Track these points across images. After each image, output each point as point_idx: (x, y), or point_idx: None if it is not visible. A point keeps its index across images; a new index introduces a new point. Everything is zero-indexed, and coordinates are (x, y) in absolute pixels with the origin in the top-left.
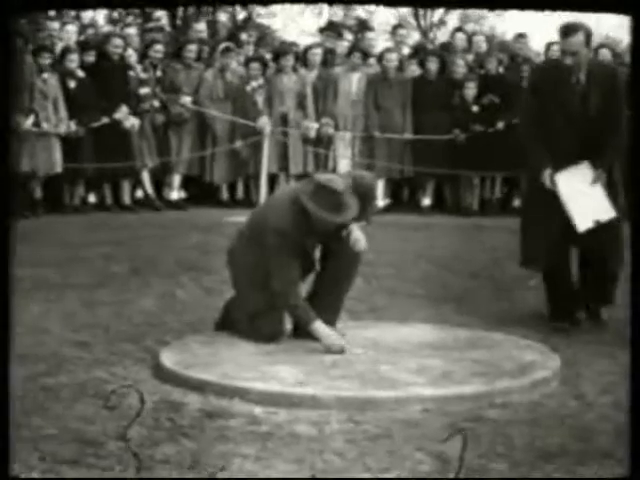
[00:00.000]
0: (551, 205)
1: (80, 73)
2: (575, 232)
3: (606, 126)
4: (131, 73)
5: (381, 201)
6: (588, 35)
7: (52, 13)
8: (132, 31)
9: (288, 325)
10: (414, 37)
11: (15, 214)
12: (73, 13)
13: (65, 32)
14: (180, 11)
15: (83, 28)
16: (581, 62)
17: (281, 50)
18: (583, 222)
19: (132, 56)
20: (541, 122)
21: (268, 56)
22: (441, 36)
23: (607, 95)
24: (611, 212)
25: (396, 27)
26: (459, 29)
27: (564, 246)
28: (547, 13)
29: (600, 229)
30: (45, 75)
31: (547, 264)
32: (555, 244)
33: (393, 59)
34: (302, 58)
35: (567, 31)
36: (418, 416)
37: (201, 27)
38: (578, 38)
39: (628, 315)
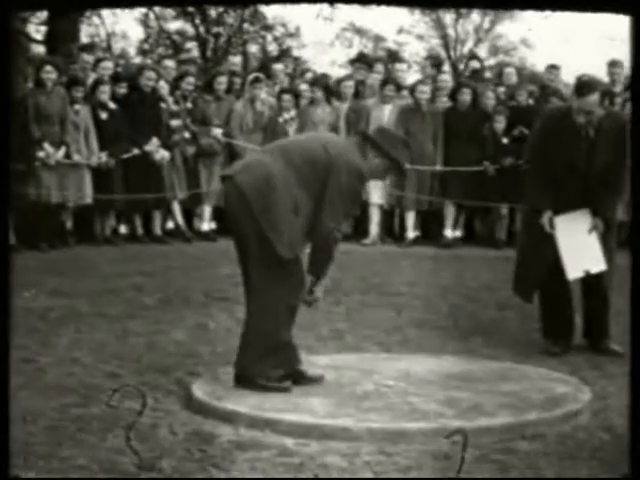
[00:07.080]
0: (546, 239)
1: (112, 105)
2: None
3: (609, 177)
4: (162, 105)
5: (411, 233)
6: (604, 93)
7: (84, 44)
8: (170, 64)
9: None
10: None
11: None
12: (105, 45)
13: (101, 68)
14: (211, 43)
15: (115, 59)
16: (593, 121)
17: (317, 82)
18: (574, 271)
19: (164, 88)
20: (546, 166)
21: (303, 86)
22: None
23: (613, 147)
24: (602, 264)
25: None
26: (473, 57)
27: (562, 275)
28: (575, 44)
29: None
30: (77, 107)
31: (538, 292)
32: (550, 273)
33: (425, 91)
34: (335, 90)
35: (583, 90)
36: (448, 448)
37: (236, 60)
38: (593, 98)
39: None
